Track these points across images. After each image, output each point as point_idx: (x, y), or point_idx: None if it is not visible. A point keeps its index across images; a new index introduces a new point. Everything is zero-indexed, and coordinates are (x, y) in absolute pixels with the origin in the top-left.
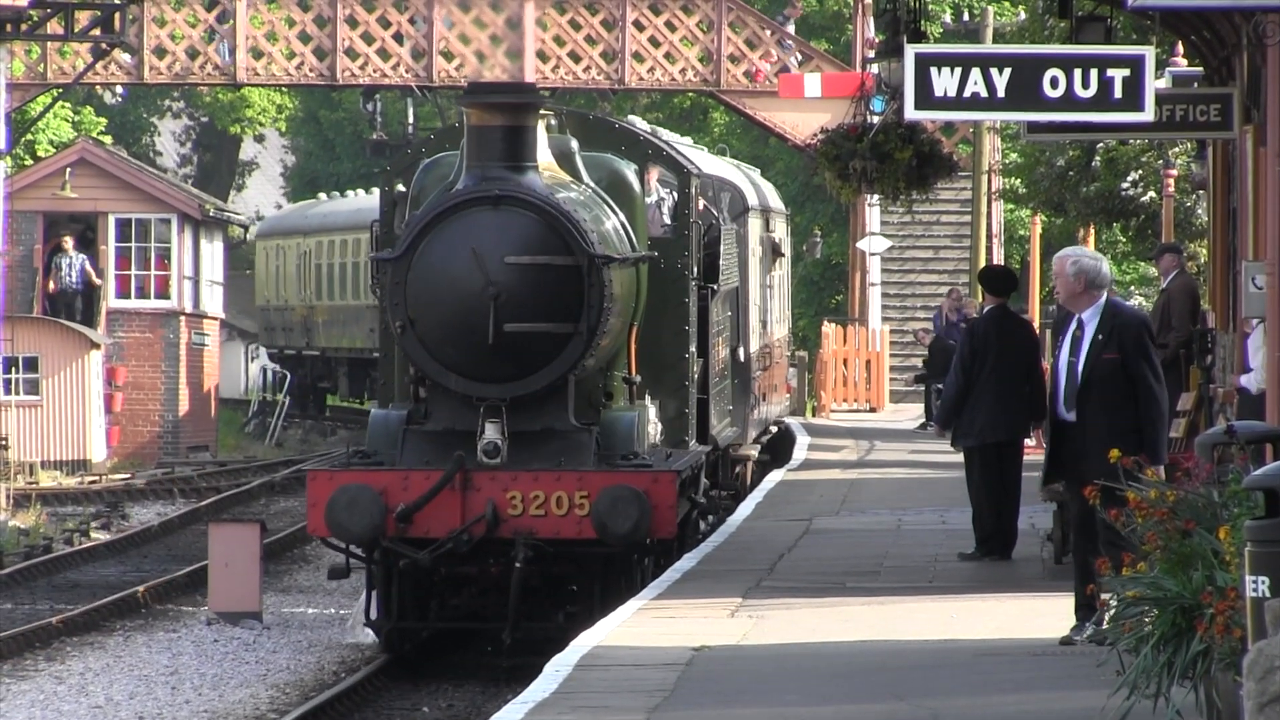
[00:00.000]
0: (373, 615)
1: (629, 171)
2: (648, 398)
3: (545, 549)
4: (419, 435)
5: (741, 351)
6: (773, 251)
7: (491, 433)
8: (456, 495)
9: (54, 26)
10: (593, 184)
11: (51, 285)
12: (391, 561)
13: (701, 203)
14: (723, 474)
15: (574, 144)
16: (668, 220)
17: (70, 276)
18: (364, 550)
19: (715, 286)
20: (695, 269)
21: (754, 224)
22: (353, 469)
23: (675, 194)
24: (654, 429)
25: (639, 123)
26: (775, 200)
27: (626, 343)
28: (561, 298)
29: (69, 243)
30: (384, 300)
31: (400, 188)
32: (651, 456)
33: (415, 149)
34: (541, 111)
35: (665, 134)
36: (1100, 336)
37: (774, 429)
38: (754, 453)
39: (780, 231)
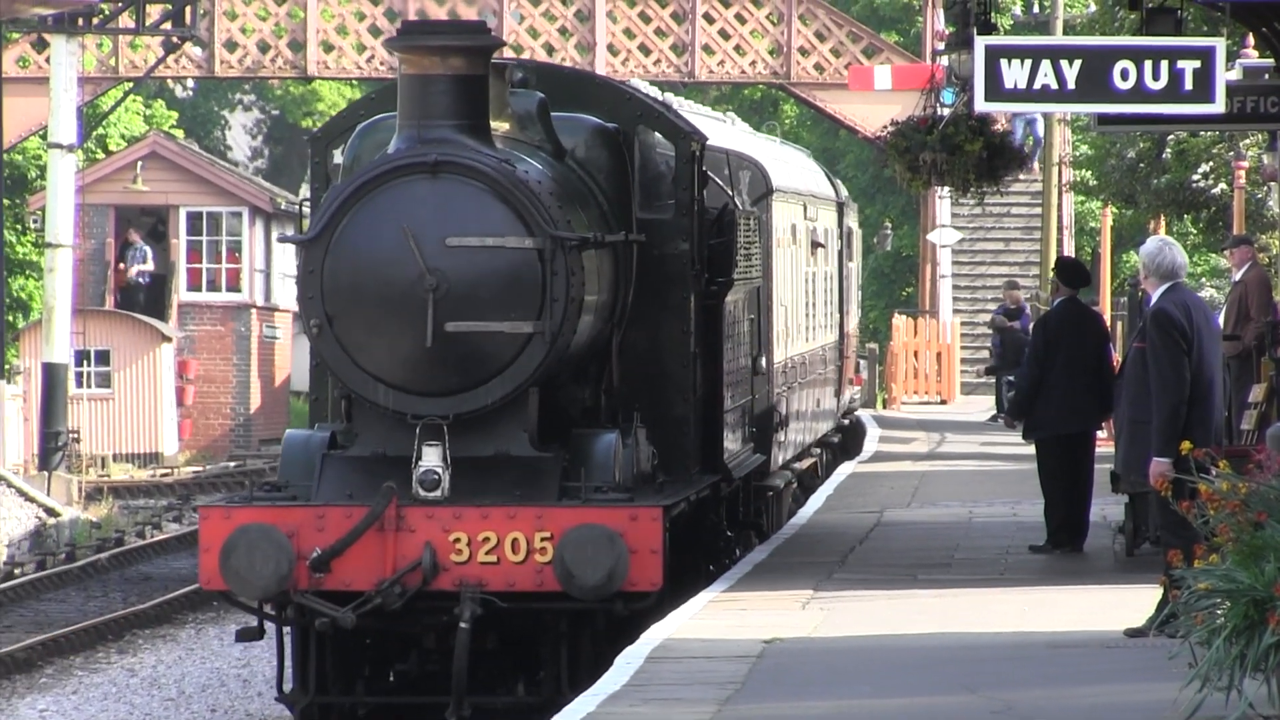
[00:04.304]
0: (287, 687)
1: (612, 136)
2: (636, 416)
3: (497, 604)
4: (341, 462)
5: (765, 362)
6: (811, 244)
7: (430, 459)
8: (386, 537)
9: (125, 20)
10: (568, 150)
11: (132, 272)
12: (308, 620)
13: (716, 181)
14: (743, 509)
15: (543, 101)
16: (666, 198)
17: (134, 268)
18: (272, 607)
19: (725, 280)
20: (698, 258)
21: (781, 209)
22: (255, 505)
23: (674, 165)
24: (643, 454)
25: (641, 86)
26: (820, 185)
27: (607, 347)
28: (518, 289)
29: (135, 236)
30: (298, 293)
31: (337, 158)
32: (638, 488)
33: (352, 110)
34: (498, 61)
35: (681, 102)
36: (1141, 325)
37: (815, 453)
38: (781, 484)
39: (824, 221)
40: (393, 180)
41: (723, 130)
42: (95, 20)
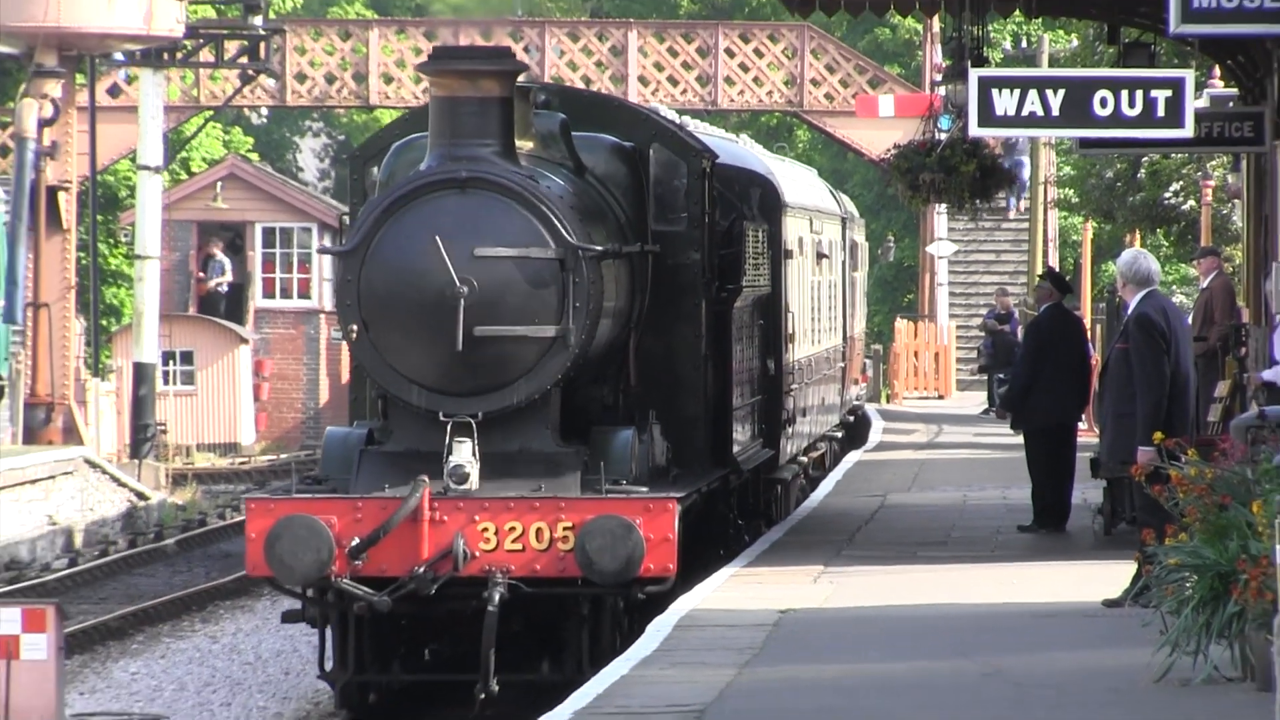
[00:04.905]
0: (327, 666)
1: (629, 154)
2: (651, 414)
3: (522, 589)
4: (377, 457)
5: (773, 364)
6: (816, 255)
7: (460, 454)
8: (419, 527)
9: (206, 55)
10: (587, 167)
11: (211, 284)
12: (347, 604)
13: (727, 196)
14: (753, 500)
15: (564, 122)
16: (679, 211)
17: (215, 278)
18: (314, 591)
19: (734, 287)
20: (709, 267)
21: (790, 223)
22: (297, 497)
23: (686, 180)
24: (658, 449)
25: (663, 110)
26: (825, 201)
27: (624, 350)
28: (541, 296)
29: (217, 247)
30: (336, 300)
31: (374, 174)
32: (653, 482)
33: (388, 130)
34: (523, 83)
35: (696, 124)
36: (1121, 327)
37: (820, 447)
38: (789, 475)
39: (829, 234)
40: (425, 195)
41: (735, 150)
42: (179, 55)
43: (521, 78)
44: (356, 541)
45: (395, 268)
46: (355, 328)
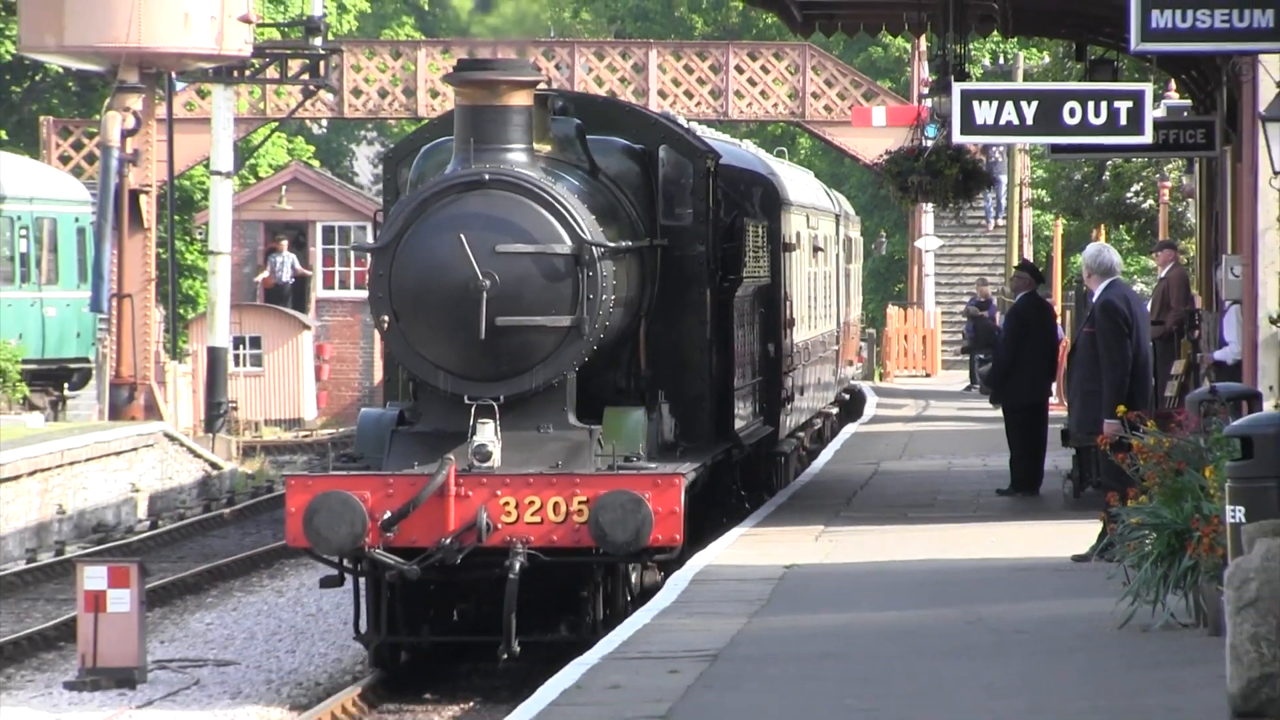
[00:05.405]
0: (362, 628)
1: (639, 155)
2: (660, 395)
3: (541, 558)
4: (408, 437)
5: (773, 347)
6: (813, 248)
7: (484, 434)
8: (446, 502)
9: (271, 72)
10: (601, 168)
11: (267, 277)
12: (380, 573)
13: (730, 194)
14: (755, 472)
15: (579, 126)
16: (685, 207)
17: (283, 274)
18: (349, 561)
19: (736, 278)
20: (713, 259)
21: (789, 219)
22: (332, 475)
23: (692, 179)
24: (667, 427)
25: (677, 119)
26: (821, 199)
27: (635, 336)
28: (557, 289)
29: (284, 244)
30: (369, 293)
31: (405, 175)
32: (662, 457)
33: (419, 134)
34: (542, 89)
35: (703, 130)
36: (1088, 314)
37: (817, 424)
38: (789, 449)
39: (824, 229)
40: (450, 195)
41: (738, 152)
42: (247, 72)
43: (547, 85)
44: (388, 515)
45: (423, 263)
46: (387, 318)
